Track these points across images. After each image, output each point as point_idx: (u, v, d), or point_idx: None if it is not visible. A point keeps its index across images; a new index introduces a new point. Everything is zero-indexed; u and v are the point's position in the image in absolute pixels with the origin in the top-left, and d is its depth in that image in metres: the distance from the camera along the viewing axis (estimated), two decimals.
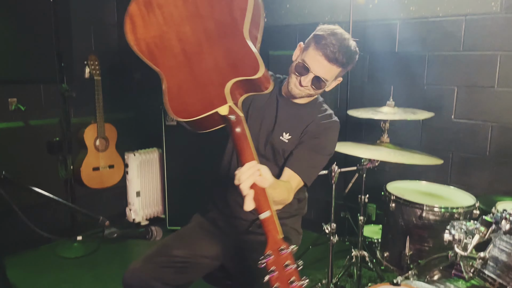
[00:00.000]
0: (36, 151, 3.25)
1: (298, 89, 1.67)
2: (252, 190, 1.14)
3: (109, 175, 3.60)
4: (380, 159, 2.08)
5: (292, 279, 1.02)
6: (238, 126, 1.22)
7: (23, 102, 3.19)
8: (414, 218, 2.18)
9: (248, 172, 1.14)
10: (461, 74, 2.81)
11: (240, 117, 1.23)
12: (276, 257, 1.05)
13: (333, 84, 1.73)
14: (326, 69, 1.60)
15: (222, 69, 1.25)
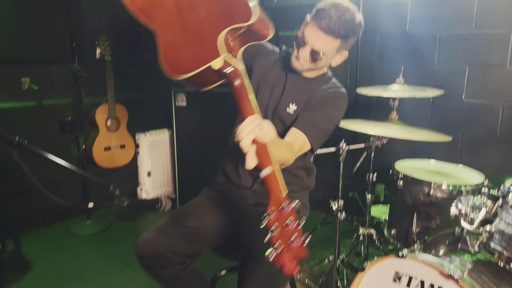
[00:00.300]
0: (49, 131, 3.29)
1: (298, 61, 1.67)
2: (254, 145, 1.10)
3: (120, 155, 3.65)
4: (388, 136, 2.08)
5: (293, 237, 0.98)
6: (236, 79, 1.17)
7: (36, 82, 3.23)
8: (421, 195, 2.19)
9: (249, 127, 1.10)
10: (473, 53, 2.78)
11: (238, 70, 1.18)
12: (278, 214, 1.01)
13: (337, 58, 1.71)
14: (323, 41, 1.58)
15: (214, 20, 1.22)
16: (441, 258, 1.64)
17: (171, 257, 1.70)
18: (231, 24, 1.20)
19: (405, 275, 1.66)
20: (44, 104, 3.29)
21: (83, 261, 2.93)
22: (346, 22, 1.56)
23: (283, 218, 1.00)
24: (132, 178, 3.89)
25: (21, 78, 3.19)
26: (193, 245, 1.75)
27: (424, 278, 1.60)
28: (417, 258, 1.62)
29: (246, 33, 1.24)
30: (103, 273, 2.78)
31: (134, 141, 3.74)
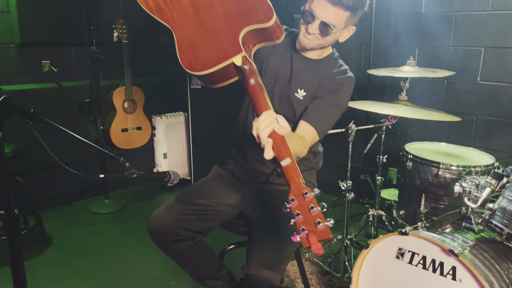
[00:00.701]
0: (68, 112, 3.39)
1: (307, 38, 1.66)
2: (271, 139, 1.14)
3: (137, 137, 3.74)
4: (396, 115, 2.09)
5: (318, 220, 1.03)
6: (252, 77, 1.22)
7: (56, 64, 3.33)
8: (430, 176, 2.20)
9: (266, 121, 1.14)
10: (489, 35, 2.74)
11: (254, 68, 1.23)
12: (300, 201, 1.06)
13: (345, 34, 1.71)
14: (332, 13, 1.57)
15: (233, 18, 1.25)
16: (444, 235, 1.66)
17: (182, 232, 1.75)
18: (252, 24, 1.23)
19: (408, 251, 1.68)
20: (63, 86, 3.39)
21: (100, 238, 3.04)
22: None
23: (305, 205, 1.05)
24: (149, 160, 3.98)
25: (41, 60, 3.29)
26: (202, 221, 1.80)
27: (426, 253, 1.62)
28: (420, 235, 1.64)
29: (261, 33, 1.27)
30: (118, 248, 2.89)
31: (150, 123, 3.81)
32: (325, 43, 1.71)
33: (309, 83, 1.76)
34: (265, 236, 1.65)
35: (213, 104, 3.67)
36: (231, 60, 1.22)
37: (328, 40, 1.69)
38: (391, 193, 3.10)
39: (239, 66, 1.22)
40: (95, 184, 3.70)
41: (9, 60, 3.15)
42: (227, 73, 1.28)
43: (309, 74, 1.77)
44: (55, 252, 2.84)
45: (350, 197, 2.33)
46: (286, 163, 1.12)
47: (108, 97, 3.57)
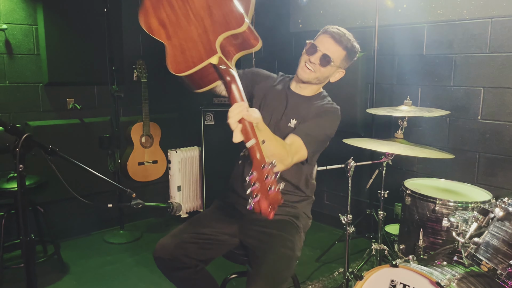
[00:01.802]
0: (89, 145, 3.61)
1: (305, 71, 1.88)
2: (240, 124, 1.31)
3: (153, 170, 3.91)
4: (392, 152, 2.20)
5: (270, 186, 1.21)
6: (228, 75, 1.40)
7: (79, 102, 3.58)
8: (427, 211, 2.27)
9: (237, 110, 1.32)
10: (487, 75, 2.85)
11: (231, 69, 1.41)
12: (258, 173, 1.23)
13: (336, 75, 1.94)
14: (333, 48, 1.85)
15: (212, 27, 1.45)
16: (434, 268, 1.72)
17: (185, 260, 1.87)
18: (227, 30, 1.43)
19: (399, 283, 1.75)
20: (86, 121, 3.62)
21: (114, 267, 3.17)
22: (350, 40, 1.89)
23: (262, 176, 1.23)
24: (164, 192, 4.14)
25: (66, 98, 3.55)
26: (205, 250, 1.92)
27: (415, 285, 1.69)
28: (409, 267, 1.71)
29: (238, 40, 1.47)
30: (131, 278, 3.01)
31: (166, 157, 3.99)
32: (320, 76, 1.91)
33: (300, 113, 1.94)
34: (261, 263, 1.75)
35: (226, 139, 3.81)
36: (209, 61, 1.41)
37: (324, 74, 1.90)
38: (396, 228, 3.14)
39: (215, 65, 1.41)
40: (111, 216, 3.87)
41: (37, 98, 3.41)
42: (208, 74, 1.46)
43: (301, 107, 1.96)
44: (71, 280, 2.97)
45: (350, 231, 2.40)
46: (251, 144, 1.29)
47: (127, 132, 3.78)
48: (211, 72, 1.45)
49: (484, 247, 1.59)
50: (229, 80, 1.40)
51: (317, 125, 1.86)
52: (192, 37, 1.46)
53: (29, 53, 3.35)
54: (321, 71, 1.88)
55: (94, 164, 3.73)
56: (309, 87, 1.97)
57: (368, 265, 2.89)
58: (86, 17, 3.49)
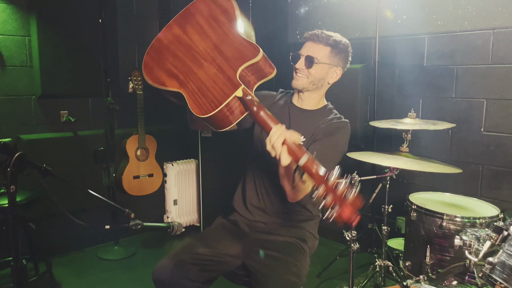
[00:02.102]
0: (83, 159, 3.52)
1: (296, 79, 1.85)
2: (285, 145, 1.30)
3: (149, 183, 3.82)
4: (397, 167, 2.13)
5: (345, 193, 1.16)
6: (254, 105, 1.39)
7: (73, 114, 3.49)
8: (434, 227, 2.20)
9: (278, 132, 1.32)
10: (490, 87, 2.81)
11: (255, 98, 1.40)
12: (325, 186, 1.19)
13: (332, 74, 1.88)
14: (314, 49, 1.82)
15: (229, 62, 1.46)
16: None
17: (186, 283, 1.78)
18: (244, 62, 1.43)
19: None
20: (80, 134, 3.53)
21: (109, 284, 3.06)
22: (332, 36, 1.86)
23: (330, 187, 1.18)
24: (159, 206, 4.04)
25: (60, 111, 3.46)
26: (206, 272, 1.83)
27: None
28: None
29: (255, 69, 1.46)
30: None
31: (162, 170, 3.90)
32: (314, 79, 1.86)
33: (307, 129, 1.87)
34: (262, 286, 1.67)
35: (223, 151, 3.75)
36: (234, 95, 1.40)
37: (315, 75, 1.85)
38: (399, 242, 3.07)
39: (241, 97, 1.40)
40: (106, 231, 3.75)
41: (30, 111, 3.32)
42: (235, 109, 1.43)
43: (306, 122, 1.89)
44: None
45: (355, 247, 2.33)
46: (304, 161, 1.26)
47: (122, 145, 3.69)
48: (237, 106, 1.43)
49: (499, 267, 1.52)
50: (256, 109, 1.39)
51: (331, 146, 1.80)
52: (209, 77, 1.47)
53: (22, 65, 3.27)
54: (311, 73, 1.84)
55: (88, 178, 3.73)
56: (310, 97, 1.92)
57: (372, 282, 2.81)
58: (81, 28, 3.42)
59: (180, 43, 1.58)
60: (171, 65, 1.55)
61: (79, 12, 3.40)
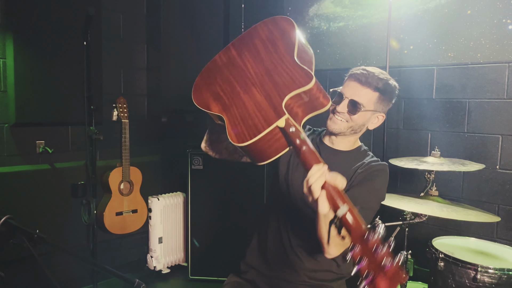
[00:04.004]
0: (61, 194, 3.17)
1: (335, 122, 1.64)
2: (324, 190, 1.14)
3: (132, 220, 3.49)
4: (430, 214, 1.92)
5: (384, 261, 0.96)
6: (298, 138, 1.24)
7: (51, 144, 3.14)
8: (467, 280, 1.99)
9: (318, 173, 1.15)
10: (506, 122, 2.68)
11: (300, 131, 1.25)
12: (362, 246, 1.01)
13: (374, 120, 1.68)
14: (360, 92, 1.61)
15: (275, 90, 1.32)
16: None
17: None
18: (294, 89, 1.28)
19: None
20: (57, 166, 3.19)
21: None
22: (382, 79, 1.63)
23: (369, 248, 0.99)
24: (143, 244, 3.70)
25: (36, 141, 3.11)
26: None
27: None
28: None
29: (306, 100, 1.31)
30: None
31: (147, 205, 3.58)
32: (354, 125, 1.64)
33: (342, 173, 1.61)
34: None
35: (215, 186, 3.48)
36: (275, 124, 1.25)
37: (357, 121, 1.63)
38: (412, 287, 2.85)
39: (283, 128, 1.25)
40: (82, 274, 3.37)
41: (1, 141, 2.96)
42: (275, 141, 1.29)
43: (341, 164, 1.65)
44: None
45: None
46: (343, 212, 1.09)
47: (104, 178, 3.36)
48: (278, 138, 1.28)
49: None
50: (299, 143, 1.24)
51: (370, 193, 1.57)
52: (254, 104, 1.34)
53: None
54: (353, 119, 1.62)
55: (66, 216, 3.36)
56: (344, 139, 1.69)
57: None
58: (62, 51, 3.11)
59: (233, 66, 1.47)
60: (219, 88, 1.44)
61: (61, 34, 3.10)
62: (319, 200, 1.14)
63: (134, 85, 3.70)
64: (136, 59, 3.72)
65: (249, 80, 1.40)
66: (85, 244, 3.27)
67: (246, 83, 1.40)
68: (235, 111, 1.35)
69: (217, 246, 3.47)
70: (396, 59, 3.10)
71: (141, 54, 3.74)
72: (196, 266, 3.54)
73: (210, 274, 3.48)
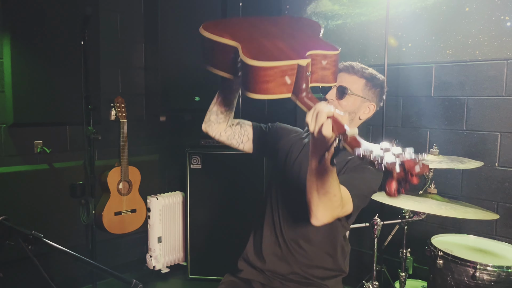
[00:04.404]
0: (60, 194, 3.16)
1: None
2: (329, 119, 1.10)
3: (131, 220, 3.48)
4: (429, 212, 1.92)
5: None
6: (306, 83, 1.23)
7: (49, 144, 3.13)
8: (466, 278, 1.99)
9: (327, 107, 1.11)
10: (505, 120, 2.67)
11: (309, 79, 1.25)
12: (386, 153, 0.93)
13: (364, 109, 1.67)
14: (347, 79, 1.64)
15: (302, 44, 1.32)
16: None
17: None
18: (320, 49, 1.28)
19: None
20: (56, 167, 3.18)
21: None
22: (367, 69, 1.68)
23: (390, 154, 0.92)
24: (142, 244, 3.70)
25: (34, 141, 3.10)
26: None
27: None
28: None
29: (324, 66, 1.31)
30: None
31: (145, 205, 3.58)
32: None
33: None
34: None
35: (214, 184, 3.47)
36: (297, 61, 1.21)
37: (346, 108, 1.63)
38: (411, 285, 2.84)
39: (302, 67, 1.21)
40: (81, 273, 3.37)
41: None
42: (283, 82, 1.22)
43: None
44: None
45: None
46: (353, 132, 1.03)
47: (103, 178, 3.35)
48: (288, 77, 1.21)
49: None
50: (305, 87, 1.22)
51: (362, 178, 1.55)
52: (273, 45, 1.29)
53: None
54: (342, 105, 1.62)
55: (65, 216, 3.35)
56: None
57: None
58: (60, 51, 3.10)
59: (254, 26, 1.43)
60: (236, 30, 1.38)
61: (58, 34, 3.08)
62: (324, 125, 1.09)
63: (132, 85, 3.69)
64: (134, 58, 3.70)
65: (271, 34, 1.38)
66: (85, 244, 3.26)
67: (268, 34, 1.37)
68: (251, 44, 1.28)
69: (217, 245, 3.46)
70: (395, 57, 3.09)
71: (139, 54, 3.72)
72: (195, 265, 3.54)
73: (209, 274, 3.47)
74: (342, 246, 1.73)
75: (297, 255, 1.67)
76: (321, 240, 1.65)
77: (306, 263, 1.67)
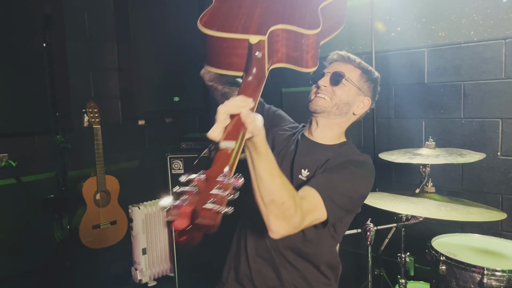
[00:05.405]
0: (30, 210, 2.94)
1: (317, 97, 1.50)
2: (229, 121, 0.95)
3: (111, 233, 3.25)
4: (427, 216, 1.69)
5: (213, 200, 0.77)
6: (255, 66, 1.05)
7: (15, 157, 2.90)
8: (472, 284, 1.77)
9: (237, 102, 0.97)
10: (506, 104, 2.45)
11: (264, 61, 1.06)
12: (208, 179, 0.82)
13: (359, 104, 1.53)
14: (343, 67, 1.52)
15: (279, 13, 1.13)
16: None
17: None
18: (292, 24, 1.10)
19: None
20: (24, 180, 2.95)
21: None
22: (362, 62, 1.56)
23: (210, 185, 0.81)
24: (125, 257, 3.46)
25: None
26: None
27: None
28: None
29: (296, 46, 1.12)
30: None
31: (126, 215, 3.35)
32: (339, 102, 1.49)
33: (315, 163, 1.45)
34: None
35: None
36: (247, 36, 1.06)
37: (341, 97, 1.48)
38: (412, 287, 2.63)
39: (250, 45, 1.05)
40: None
41: None
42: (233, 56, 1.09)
43: (315, 155, 1.48)
44: None
45: None
46: (227, 145, 0.90)
47: (77, 190, 3.12)
48: (240, 54, 1.07)
49: None
50: (252, 72, 1.04)
51: (341, 178, 1.34)
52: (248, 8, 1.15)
53: None
54: (336, 94, 1.47)
55: (37, 234, 3.12)
56: (328, 125, 1.51)
57: None
58: (23, 55, 2.87)
59: None
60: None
61: (20, 37, 2.85)
62: (215, 125, 0.94)
63: (105, 87, 3.46)
64: (106, 59, 3.47)
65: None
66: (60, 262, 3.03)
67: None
68: (224, 5, 1.16)
69: (205, 254, 3.24)
70: (383, 43, 2.86)
71: (111, 54, 3.49)
72: (183, 276, 3.32)
73: (199, 285, 3.26)
74: (331, 258, 1.51)
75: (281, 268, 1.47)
76: (305, 246, 1.43)
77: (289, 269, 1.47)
